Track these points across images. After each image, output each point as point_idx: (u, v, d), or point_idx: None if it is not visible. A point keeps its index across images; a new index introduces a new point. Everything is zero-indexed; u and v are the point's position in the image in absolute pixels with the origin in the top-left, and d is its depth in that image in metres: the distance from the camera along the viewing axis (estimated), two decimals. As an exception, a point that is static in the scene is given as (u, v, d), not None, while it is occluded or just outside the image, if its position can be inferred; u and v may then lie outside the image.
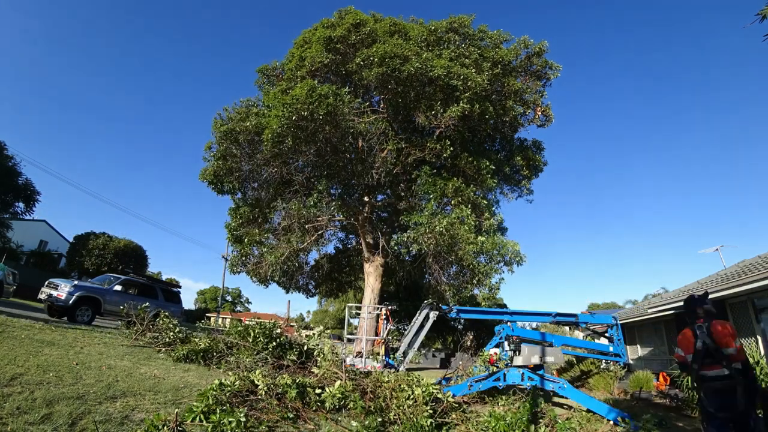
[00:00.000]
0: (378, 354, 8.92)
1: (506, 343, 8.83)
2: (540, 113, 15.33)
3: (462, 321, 27.97)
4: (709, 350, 3.79)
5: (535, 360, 8.41)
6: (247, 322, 8.45)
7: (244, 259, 16.17)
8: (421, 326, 8.70)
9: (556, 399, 9.92)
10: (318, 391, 6.03)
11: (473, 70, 12.38)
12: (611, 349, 9.50)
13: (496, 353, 9.11)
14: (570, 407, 8.93)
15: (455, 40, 13.31)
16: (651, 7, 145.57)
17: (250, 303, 75.17)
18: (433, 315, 8.71)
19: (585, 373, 12.75)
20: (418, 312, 9.02)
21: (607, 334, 9.94)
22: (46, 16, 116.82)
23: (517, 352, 8.48)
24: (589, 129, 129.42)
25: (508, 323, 9.14)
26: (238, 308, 70.71)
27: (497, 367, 8.69)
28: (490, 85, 12.92)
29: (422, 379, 6.84)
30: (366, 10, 14.41)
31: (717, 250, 13.77)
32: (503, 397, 8.75)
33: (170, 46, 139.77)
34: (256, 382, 5.76)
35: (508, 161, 16.78)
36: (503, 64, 13.34)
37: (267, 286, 17.62)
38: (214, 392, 5.00)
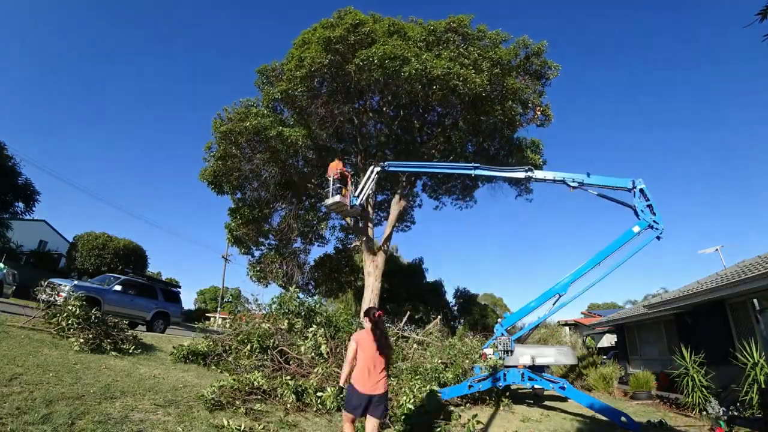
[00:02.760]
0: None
1: (497, 342, 8.71)
2: (539, 113, 15.35)
3: (456, 308, 28.28)
4: None
5: (525, 360, 8.29)
6: (245, 326, 8.41)
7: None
8: (368, 179, 11.10)
9: (549, 402, 9.90)
10: (320, 393, 6.04)
11: (472, 71, 12.38)
12: (636, 229, 7.96)
13: (489, 354, 9.04)
14: (564, 410, 8.92)
15: (454, 40, 13.31)
16: (652, 7, 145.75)
17: (249, 303, 75.00)
18: (377, 169, 11.21)
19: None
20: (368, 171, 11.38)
21: (633, 205, 8.29)
22: (45, 15, 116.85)
23: (509, 353, 8.41)
24: (589, 128, 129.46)
25: (499, 321, 9.07)
26: (238, 308, 70.50)
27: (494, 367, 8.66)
28: (489, 85, 12.91)
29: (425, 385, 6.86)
30: (365, 11, 14.40)
31: (717, 250, 13.72)
32: (504, 399, 8.75)
33: (169, 46, 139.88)
34: (256, 383, 5.77)
35: (507, 160, 16.80)
36: (502, 63, 13.33)
37: (266, 286, 17.67)
38: (214, 394, 5.00)
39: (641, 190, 8.31)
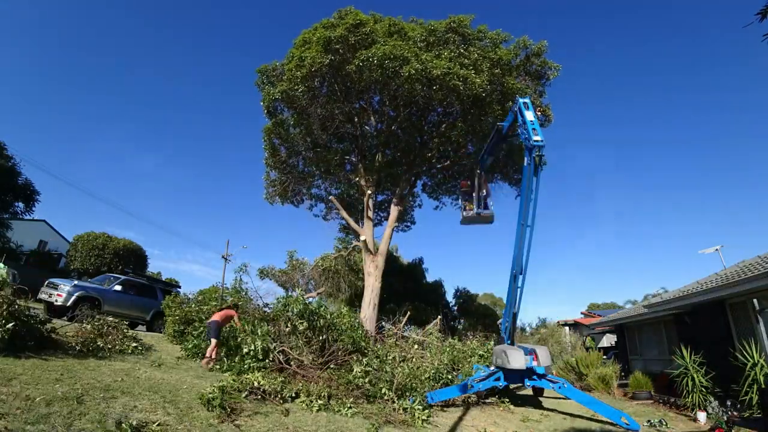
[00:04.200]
0: None
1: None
2: (539, 113, 15.34)
3: (456, 309, 28.31)
4: None
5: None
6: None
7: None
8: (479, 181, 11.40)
9: (549, 403, 9.90)
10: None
11: (473, 71, 12.38)
12: (525, 160, 7.29)
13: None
14: (564, 411, 8.91)
15: (455, 40, 13.31)
16: (652, 6, 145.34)
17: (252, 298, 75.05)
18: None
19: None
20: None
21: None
22: (46, 15, 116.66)
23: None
24: (589, 128, 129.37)
25: (498, 322, 9.09)
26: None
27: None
28: (489, 85, 12.91)
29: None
30: (366, 11, 14.38)
31: (717, 250, 13.71)
32: (505, 401, 8.73)
33: (167, 46, 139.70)
34: (256, 383, 5.77)
35: (507, 160, 16.80)
36: (503, 64, 13.33)
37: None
38: (214, 394, 5.00)
39: (519, 110, 7.38)
